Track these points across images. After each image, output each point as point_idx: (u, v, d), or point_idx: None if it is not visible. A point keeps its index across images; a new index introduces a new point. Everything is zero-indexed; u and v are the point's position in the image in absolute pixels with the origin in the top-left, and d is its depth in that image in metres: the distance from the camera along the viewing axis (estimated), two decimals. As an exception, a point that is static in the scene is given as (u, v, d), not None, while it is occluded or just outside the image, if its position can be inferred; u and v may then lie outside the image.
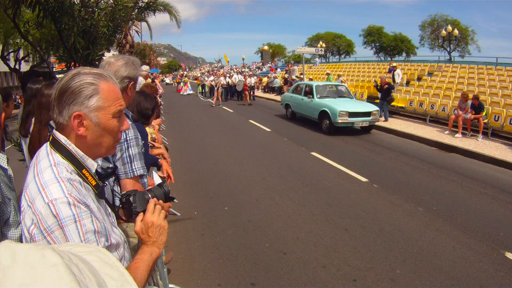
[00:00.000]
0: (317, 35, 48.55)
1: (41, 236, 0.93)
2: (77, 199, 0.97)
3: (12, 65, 18.72)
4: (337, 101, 10.82)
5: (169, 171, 3.03)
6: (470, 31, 35.87)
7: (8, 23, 12.21)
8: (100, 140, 1.08)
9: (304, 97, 11.80)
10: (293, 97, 12.81)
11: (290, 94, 13.26)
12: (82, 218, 0.96)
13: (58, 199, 0.94)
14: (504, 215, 4.70)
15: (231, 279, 3.21)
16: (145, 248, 1.15)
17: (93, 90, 1.04)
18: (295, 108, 12.66)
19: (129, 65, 1.82)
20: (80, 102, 1.02)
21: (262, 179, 6.08)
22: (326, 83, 13.22)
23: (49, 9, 4.21)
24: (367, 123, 10.23)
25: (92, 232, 0.97)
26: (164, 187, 1.37)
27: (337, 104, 10.20)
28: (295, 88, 13.20)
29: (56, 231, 0.93)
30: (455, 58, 25.83)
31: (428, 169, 6.78)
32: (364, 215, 4.60)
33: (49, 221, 0.93)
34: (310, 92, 11.56)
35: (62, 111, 1.03)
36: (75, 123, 1.02)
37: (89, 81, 1.04)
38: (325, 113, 10.26)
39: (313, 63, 30.81)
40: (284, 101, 13.70)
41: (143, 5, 9.89)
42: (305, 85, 12.34)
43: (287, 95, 13.59)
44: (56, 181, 0.97)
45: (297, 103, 12.33)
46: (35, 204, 0.95)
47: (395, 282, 3.15)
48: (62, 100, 1.02)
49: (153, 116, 2.97)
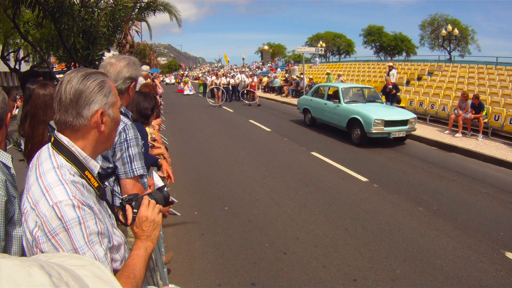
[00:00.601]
0: (317, 35, 48.57)
1: (45, 239, 0.93)
2: (81, 201, 0.97)
3: (12, 65, 18.73)
4: (368, 106, 9.20)
5: (169, 171, 3.03)
6: (470, 31, 35.88)
7: (8, 23, 12.20)
8: (112, 134, 1.14)
9: (327, 101, 10.22)
10: (313, 101, 11.15)
11: (309, 97, 11.55)
12: (86, 220, 0.96)
13: (63, 202, 0.94)
14: (504, 215, 4.70)
15: (231, 279, 3.21)
16: (140, 243, 1.15)
17: (109, 88, 1.08)
18: (316, 114, 11.01)
19: (131, 66, 1.83)
20: (100, 100, 1.05)
21: (262, 179, 6.08)
22: (352, 85, 11.51)
23: (49, 9, 4.20)
24: (403, 132, 8.66)
25: (95, 233, 0.98)
26: (164, 192, 1.37)
27: (370, 111, 8.60)
28: (315, 91, 11.47)
29: (60, 233, 0.93)
30: (455, 57, 25.79)
31: (428, 169, 6.77)
32: (364, 215, 4.60)
33: (54, 223, 0.93)
34: (335, 95, 10.11)
35: (82, 112, 1.03)
36: (99, 120, 1.05)
37: (102, 79, 1.07)
38: (356, 121, 8.76)
39: (313, 63, 30.81)
40: (301, 105, 11.97)
41: (143, 5, 9.88)
42: (329, 87, 10.80)
43: (306, 98, 11.85)
44: (60, 183, 0.97)
45: (319, 108, 10.71)
46: (39, 207, 0.95)
47: (395, 282, 3.15)
48: (80, 102, 1.02)
49: (152, 116, 2.96)
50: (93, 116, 1.04)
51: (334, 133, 10.15)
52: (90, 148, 1.08)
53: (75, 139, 1.05)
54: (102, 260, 0.98)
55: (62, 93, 1.03)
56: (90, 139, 1.07)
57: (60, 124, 1.05)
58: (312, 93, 11.58)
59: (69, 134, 1.05)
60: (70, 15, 4.39)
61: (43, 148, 1.09)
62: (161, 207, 1.28)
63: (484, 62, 16.75)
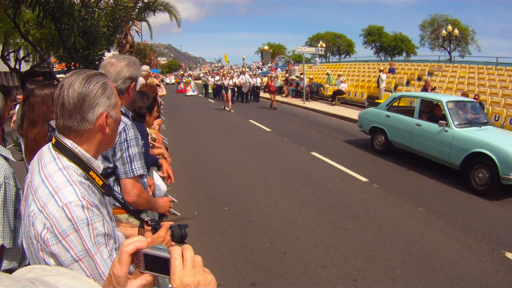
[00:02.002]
0: (317, 35, 48.54)
1: (55, 240, 0.92)
2: (90, 201, 0.97)
3: (12, 65, 18.73)
4: (491, 133, 6.02)
5: (169, 171, 3.03)
6: (470, 31, 35.87)
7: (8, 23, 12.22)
8: (114, 134, 1.15)
9: (421, 121, 6.77)
10: (392, 118, 7.46)
11: (383, 111, 7.77)
12: (94, 221, 0.96)
13: (73, 202, 0.94)
14: (504, 215, 4.70)
15: (231, 279, 3.21)
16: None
17: (111, 89, 1.08)
18: (397, 138, 7.34)
19: (131, 66, 1.83)
20: (104, 102, 1.04)
21: (262, 179, 6.08)
22: (459, 98, 7.68)
23: (49, 9, 4.21)
24: None
25: (102, 235, 0.98)
26: (183, 230, 1.33)
27: (503, 142, 5.44)
28: (393, 103, 7.80)
29: (71, 234, 0.93)
30: (455, 58, 25.83)
31: (428, 169, 6.77)
32: (364, 215, 4.60)
33: (64, 224, 0.92)
34: (432, 112, 6.84)
35: (86, 116, 1.02)
36: (105, 123, 1.05)
37: (104, 81, 1.06)
38: (480, 158, 5.53)
39: (313, 63, 30.80)
40: (368, 121, 8.20)
41: (143, 5, 9.89)
42: (420, 99, 7.13)
43: (376, 113, 8.02)
44: (69, 184, 0.97)
45: (405, 131, 7.08)
46: (47, 208, 0.94)
47: (395, 282, 3.15)
48: (84, 106, 1.01)
49: (152, 116, 2.95)
50: (98, 119, 1.03)
51: (434, 170, 6.54)
52: (93, 149, 1.07)
53: (80, 142, 1.05)
54: (106, 261, 0.97)
55: (64, 98, 1.00)
56: (94, 141, 1.06)
57: (64, 129, 1.03)
58: (388, 106, 7.79)
59: (73, 138, 1.04)
60: (71, 15, 4.40)
61: (44, 150, 1.08)
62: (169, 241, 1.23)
63: (484, 62, 16.75)
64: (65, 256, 0.92)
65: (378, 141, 7.96)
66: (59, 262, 0.94)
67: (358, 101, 16.07)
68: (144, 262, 0.73)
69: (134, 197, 1.76)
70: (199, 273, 0.69)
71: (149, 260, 0.73)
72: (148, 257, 0.72)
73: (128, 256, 0.73)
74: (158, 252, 0.72)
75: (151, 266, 0.73)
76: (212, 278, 0.71)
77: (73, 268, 0.93)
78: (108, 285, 0.78)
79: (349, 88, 17.29)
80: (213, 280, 0.71)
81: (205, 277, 0.70)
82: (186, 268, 0.69)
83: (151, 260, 0.72)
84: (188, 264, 0.69)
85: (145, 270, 0.73)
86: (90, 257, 0.94)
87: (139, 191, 1.79)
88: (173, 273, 0.68)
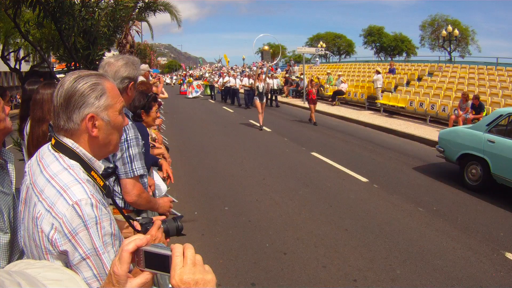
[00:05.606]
0: (318, 35, 48.53)
1: (64, 240, 0.91)
2: (98, 200, 0.97)
3: (12, 65, 18.72)
4: None
5: (169, 171, 3.04)
6: (470, 31, 35.87)
7: (8, 23, 12.21)
8: (110, 138, 1.09)
9: None
10: (498, 144, 5.21)
11: (482, 133, 5.50)
12: (102, 221, 0.95)
13: (83, 200, 0.93)
14: (504, 215, 4.70)
15: (231, 279, 3.21)
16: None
17: (101, 90, 1.04)
18: (506, 172, 5.08)
19: (129, 65, 1.82)
20: (91, 103, 1.01)
21: (262, 179, 6.08)
22: None
23: (50, 9, 4.21)
24: None
25: (109, 235, 0.97)
26: (178, 222, 1.32)
27: None
28: (499, 121, 5.46)
29: (81, 232, 0.92)
30: (455, 58, 25.82)
31: (428, 169, 6.77)
32: (364, 215, 4.60)
33: (75, 222, 0.92)
34: None
35: (72, 116, 1.00)
36: (89, 125, 1.01)
37: (94, 81, 1.03)
38: None
39: (313, 63, 30.80)
40: (458, 146, 5.95)
41: (143, 5, 9.90)
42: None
43: (473, 135, 5.70)
44: (77, 182, 0.96)
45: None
46: (56, 208, 0.92)
47: (395, 282, 3.15)
48: (70, 105, 1.00)
49: (150, 116, 2.94)
50: (83, 120, 1.01)
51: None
52: (92, 150, 1.06)
53: (77, 142, 1.04)
54: None
55: (54, 97, 1.01)
56: (84, 142, 1.04)
57: (55, 127, 1.04)
58: (489, 126, 5.52)
59: (69, 137, 1.04)
60: (71, 15, 4.40)
61: (43, 151, 1.06)
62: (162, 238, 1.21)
63: (484, 62, 16.75)
64: (73, 255, 0.92)
65: (472, 174, 5.73)
66: (65, 264, 0.93)
67: (358, 101, 16.07)
68: (144, 260, 0.73)
69: (135, 197, 1.77)
70: (199, 272, 0.71)
71: (150, 257, 0.73)
72: (149, 254, 0.73)
73: (129, 255, 0.73)
74: (158, 250, 0.73)
75: (152, 264, 0.73)
76: (212, 278, 0.72)
77: (80, 267, 0.92)
78: (108, 284, 0.78)
79: (349, 88, 17.29)
80: (213, 280, 0.72)
81: (204, 276, 0.71)
82: (186, 266, 0.70)
83: (152, 257, 0.73)
84: (189, 263, 0.71)
85: (145, 267, 0.74)
86: (98, 256, 0.94)
87: (140, 191, 1.79)
88: (173, 269, 0.70)
